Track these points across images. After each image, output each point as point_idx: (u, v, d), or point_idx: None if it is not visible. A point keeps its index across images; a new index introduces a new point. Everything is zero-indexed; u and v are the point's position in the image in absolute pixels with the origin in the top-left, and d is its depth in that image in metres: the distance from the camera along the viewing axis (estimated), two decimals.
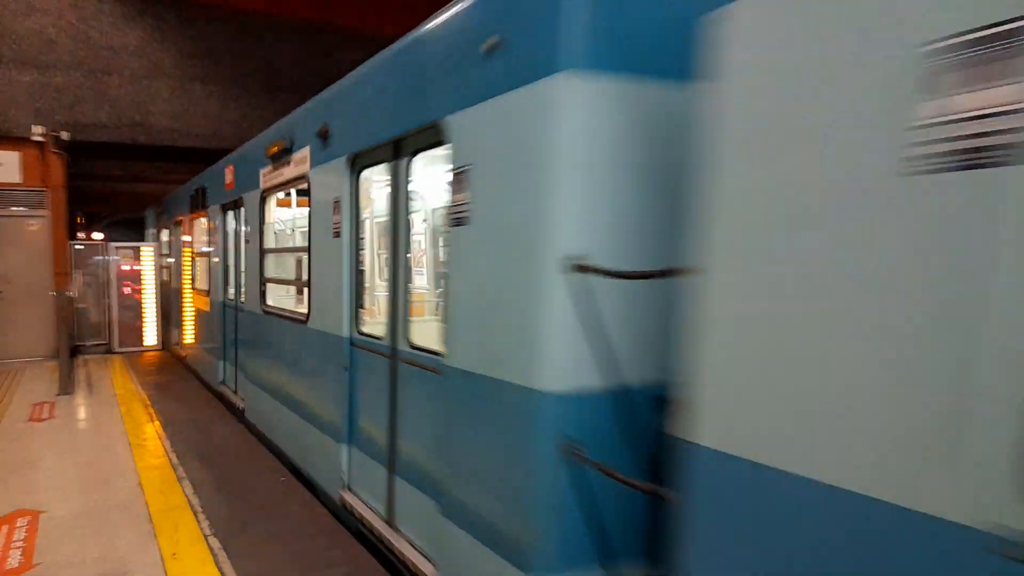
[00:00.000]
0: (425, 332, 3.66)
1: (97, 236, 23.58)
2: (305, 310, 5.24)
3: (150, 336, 13.23)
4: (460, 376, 2.98)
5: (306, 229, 5.19)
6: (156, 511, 4.64)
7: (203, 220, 9.22)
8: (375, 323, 4.31)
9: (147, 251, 13.35)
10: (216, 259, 8.35)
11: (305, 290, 5.41)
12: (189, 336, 10.57)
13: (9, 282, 11.53)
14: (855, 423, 1.42)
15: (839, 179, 1.46)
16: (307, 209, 5.08)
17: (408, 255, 3.82)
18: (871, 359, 1.41)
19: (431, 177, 5.13)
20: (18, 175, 11.31)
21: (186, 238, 10.72)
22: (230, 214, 7.85)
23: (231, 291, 7.81)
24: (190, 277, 10.45)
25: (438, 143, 3.21)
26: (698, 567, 1.84)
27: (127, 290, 13.01)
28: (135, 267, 13.15)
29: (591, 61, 2.25)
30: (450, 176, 2.99)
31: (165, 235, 12.94)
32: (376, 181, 4.42)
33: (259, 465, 5.74)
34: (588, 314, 2.39)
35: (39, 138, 11.12)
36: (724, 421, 1.74)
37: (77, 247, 12.59)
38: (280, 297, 6.36)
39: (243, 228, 7.23)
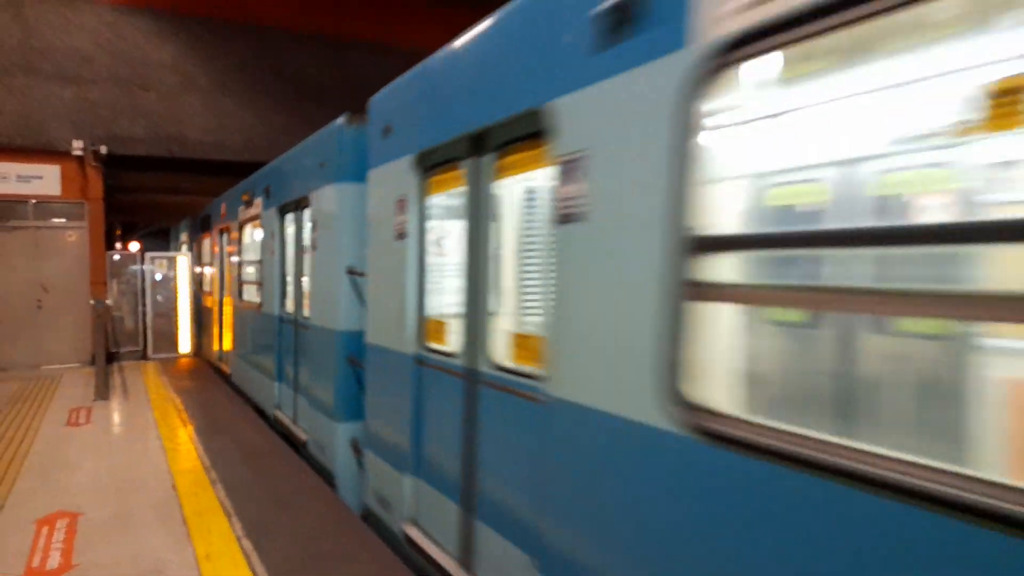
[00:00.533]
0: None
1: (133, 246, 24.17)
2: (259, 301, 7.95)
3: (184, 343, 13.51)
4: (314, 328, 5.92)
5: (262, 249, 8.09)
6: (190, 513, 4.72)
7: (207, 240, 12.35)
8: (291, 306, 6.86)
9: (182, 261, 13.66)
10: (216, 267, 11.34)
11: (261, 288, 8.00)
12: (201, 330, 13.00)
13: (48, 291, 11.89)
14: (381, 318, 4.25)
15: (384, 238, 4.14)
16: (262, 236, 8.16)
17: (304, 265, 6.48)
18: (383, 299, 4.24)
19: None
20: (58, 188, 11.68)
21: (199, 251, 13.42)
22: (224, 235, 10.67)
23: (225, 292, 10.70)
24: (198, 282, 13.17)
25: (308, 205, 6.15)
26: (368, 397, 4.68)
27: (160, 297, 13.33)
28: (169, 275, 13.48)
29: (349, 177, 5.20)
30: (312, 223, 5.95)
31: (184, 249, 15.87)
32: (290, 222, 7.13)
33: (288, 468, 5.81)
34: (355, 293, 5.19)
35: (79, 152, 11.48)
36: (372, 328, 4.46)
37: (114, 257, 12.94)
38: (251, 294, 8.77)
39: (230, 246, 10.24)
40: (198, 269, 13.37)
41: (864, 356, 2.53)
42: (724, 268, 1.91)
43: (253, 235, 8.73)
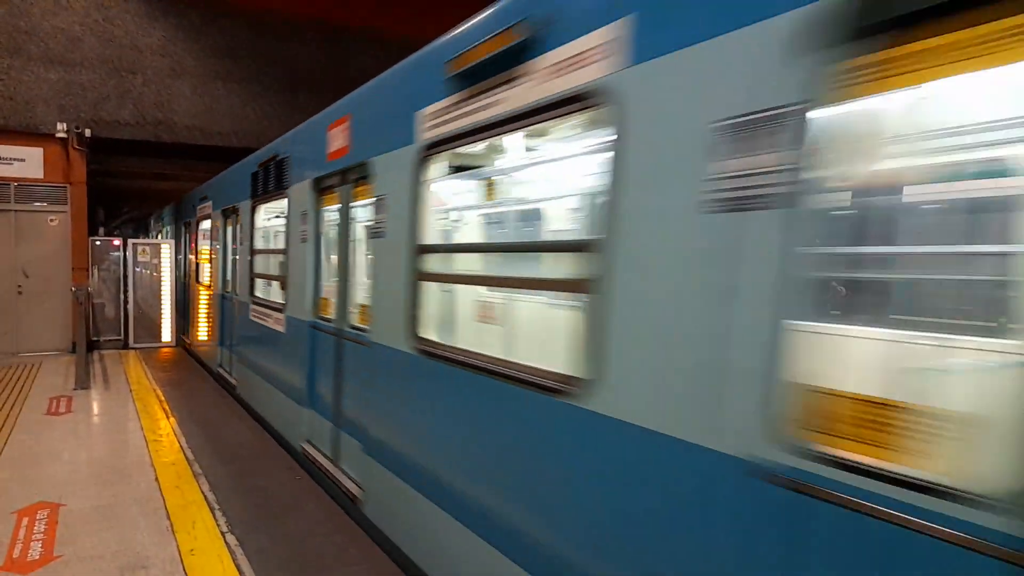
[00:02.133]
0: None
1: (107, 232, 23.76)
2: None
3: (166, 332, 13.33)
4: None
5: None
6: (173, 506, 4.67)
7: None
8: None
9: (165, 248, 13.48)
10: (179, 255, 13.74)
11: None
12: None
13: (28, 276, 11.67)
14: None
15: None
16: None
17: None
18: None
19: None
20: (40, 170, 11.47)
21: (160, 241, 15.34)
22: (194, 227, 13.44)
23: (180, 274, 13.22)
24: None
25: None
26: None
27: (141, 288, 13.14)
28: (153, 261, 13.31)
29: (216, 209, 9.50)
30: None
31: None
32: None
33: (274, 462, 5.77)
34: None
35: (62, 135, 11.27)
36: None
37: (96, 242, 12.72)
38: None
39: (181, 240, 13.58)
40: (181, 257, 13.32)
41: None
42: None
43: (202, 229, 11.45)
